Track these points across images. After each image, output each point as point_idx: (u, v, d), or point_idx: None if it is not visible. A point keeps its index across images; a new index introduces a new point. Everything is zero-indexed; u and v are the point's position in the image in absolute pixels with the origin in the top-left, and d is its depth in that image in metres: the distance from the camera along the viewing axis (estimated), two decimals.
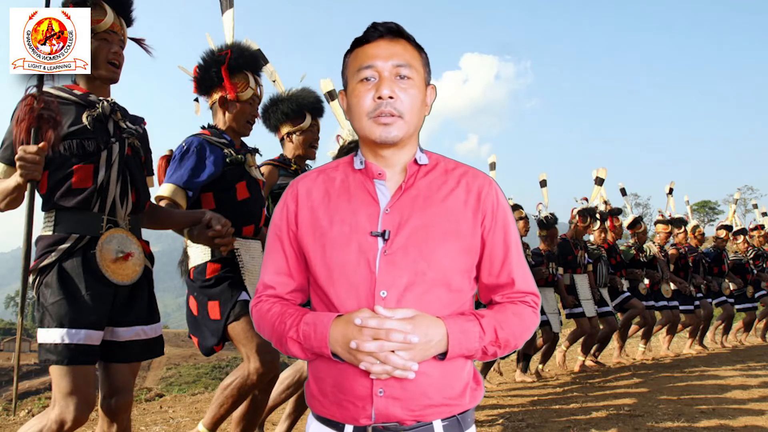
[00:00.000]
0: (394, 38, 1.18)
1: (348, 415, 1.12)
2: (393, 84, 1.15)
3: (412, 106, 1.16)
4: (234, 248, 2.47)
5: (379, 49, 1.16)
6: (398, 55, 1.16)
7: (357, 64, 1.18)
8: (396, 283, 1.10)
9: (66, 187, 1.94)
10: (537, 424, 3.62)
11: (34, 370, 31.56)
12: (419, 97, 1.18)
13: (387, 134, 1.15)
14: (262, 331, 1.23)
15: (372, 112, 1.15)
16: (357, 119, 1.18)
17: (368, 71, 1.16)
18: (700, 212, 51.93)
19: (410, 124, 1.17)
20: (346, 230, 1.14)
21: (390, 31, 1.18)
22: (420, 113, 1.20)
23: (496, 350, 1.13)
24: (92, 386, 1.93)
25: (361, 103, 1.16)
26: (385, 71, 1.15)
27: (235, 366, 6.53)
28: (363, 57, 1.17)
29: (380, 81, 1.15)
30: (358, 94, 1.16)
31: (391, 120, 1.14)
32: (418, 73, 1.19)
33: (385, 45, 1.17)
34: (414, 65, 1.18)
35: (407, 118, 1.16)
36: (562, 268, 5.88)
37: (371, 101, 1.15)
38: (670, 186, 7.86)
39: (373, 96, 1.15)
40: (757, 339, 8.79)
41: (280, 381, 2.85)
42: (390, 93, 1.14)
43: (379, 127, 1.15)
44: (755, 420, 3.56)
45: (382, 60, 1.15)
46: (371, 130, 1.16)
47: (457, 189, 1.18)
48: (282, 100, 3.17)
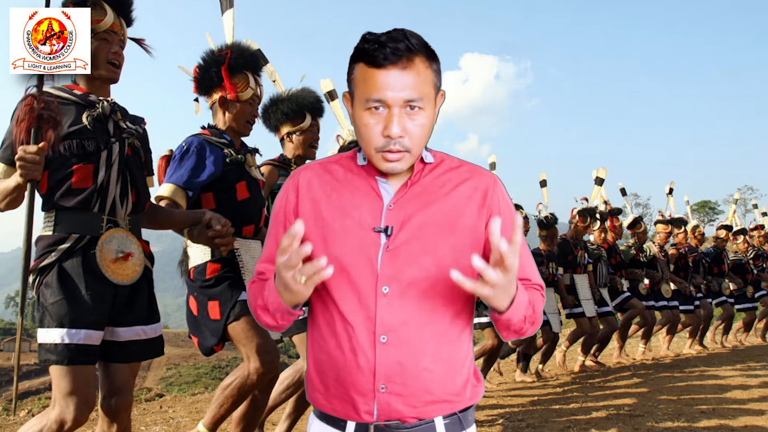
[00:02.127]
0: (406, 64, 1.08)
1: (350, 411, 1.12)
2: (403, 119, 1.09)
3: (421, 136, 1.13)
4: (234, 248, 2.47)
5: (389, 78, 1.08)
6: (410, 88, 1.09)
7: (365, 92, 1.10)
8: (398, 279, 1.10)
9: (66, 187, 1.94)
10: (537, 424, 3.62)
11: (34, 370, 31.55)
12: (429, 124, 1.14)
13: (393, 168, 1.13)
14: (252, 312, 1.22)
15: (380, 147, 1.11)
16: (364, 147, 1.15)
17: (377, 103, 1.10)
18: (700, 212, 51.93)
19: (417, 155, 1.15)
20: (349, 224, 1.14)
21: (401, 57, 1.08)
22: (429, 135, 1.17)
23: (529, 327, 1.13)
24: (92, 386, 1.93)
25: (369, 135, 1.12)
26: (395, 106, 1.09)
27: (235, 366, 6.53)
28: (372, 87, 1.09)
29: (389, 116, 1.09)
30: (365, 124, 1.12)
31: (398, 156, 1.12)
32: (430, 99, 1.13)
33: (396, 75, 1.08)
34: (425, 93, 1.11)
35: (415, 152, 1.13)
36: (562, 268, 5.88)
37: (379, 136, 1.11)
38: (670, 186, 7.86)
39: (382, 132, 1.10)
40: (757, 339, 8.79)
41: (280, 381, 2.85)
42: (400, 132, 1.10)
43: (386, 162, 1.13)
44: (755, 420, 3.56)
45: (393, 92, 1.08)
46: (378, 164, 1.14)
47: (461, 186, 1.18)
48: (282, 100, 3.17)
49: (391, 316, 1.10)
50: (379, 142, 1.11)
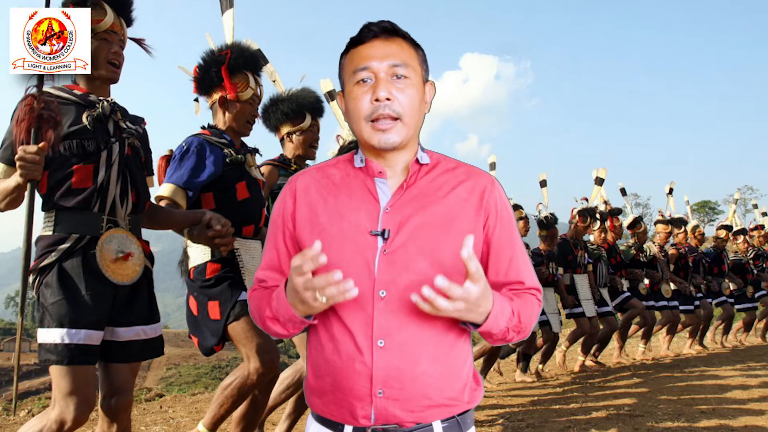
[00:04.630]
0: (389, 37, 1.16)
1: (347, 415, 1.11)
2: (390, 85, 1.13)
3: (411, 105, 1.15)
4: (234, 248, 2.47)
5: (373, 49, 1.15)
6: (394, 55, 1.14)
7: (352, 66, 1.16)
8: (396, 282, 1.10)
9: (66, 187, 1.94)
10: (537, 424, 3.62)
11: (34, 370, 31.55)
12: (418, 96, 1.17)
13: (386, 140, 1.14)
14: (255, 321, 1.22)
15: (370, 115, 1.14)
16: (355, 123, 1.17)
17: (364, 73, 1.14)
18: (700, 212, 51.92)
19: (409, 126, 1.16)
20: (346, 228, 1.14)
21: (384, 31, 1.16)
22: (419, 112, 1.18)
23: (515, 335, 1.13)
24: (92, 386, 1.93)
25: (359, 107, 1.15)
26: (381, 72, 1.13)
27: (235, 366, 6.53)
28: (358, 59, 1.15)
29: (377, 82, 1.13)
30: (355, 96, 1.15)
31: (390, 125, 1.13)
32: (416, 71, 1.17)
33: (379, 45, 1.15)
34: (411, 64, 1.16)
35: (406, 120, 1.14)
36: (562, 268, 5.88)
37: (368, 104, 1.14)
38: (670, 186, 7.86)
39: (370, 98, 1.13)
40: (757, 339, 8.79)
41: (280, 381, 2.85)
42: (387, 95, 1.12)
43: (377, 133, 1.14)
44: (755, 420, 3.56)
45: (377, 60, 1.14)
46: (370, 136, 1.15)
47: (458, 188, 1.17)
48: (282, 100, 3.17)
49: (389, 320, 1.09)
50: (368, 110, 1.14)
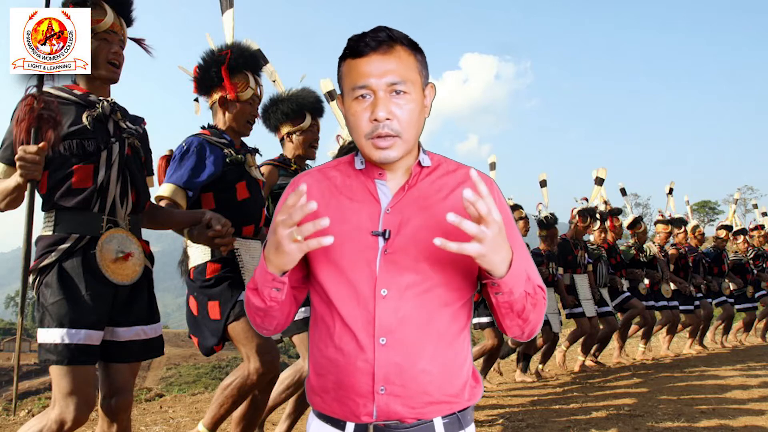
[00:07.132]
0: (386, 50, 1.13)
1: (349, 412, 1.12)
2: (388, 103, 1.12)
3: (410, 121, 1.14)
4: (234, 248, 2.47)
5: (371, 65, 1.12)
6: (392, 72, 1.12)
7: (351, 82, 1.14)
8: (396, 282, 1.11)
9: (66, 187, 1.94)
10: (537, 424, 3.62)
11: (34, 370, 31.54)
12: (417, 108, 1.16)
13: (386, 157, 1.14)
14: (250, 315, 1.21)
15: (369, 134, 1.13)
16: (355, 137, 1.17)
17: (362, 90, 1.13)
18: (700, 212, 51.92)
19: (409, 141, 1.15)
20: (347, 229, 1.15)
21: (381, 44, 1.12)
22: (419, 123, 1.18)
23: (531, 311, 1.11)
24: (92, 386, 1.93)
25: (358, 123, 1.14)
26: (380, 90, 1.12)
27: (235, 366, 6.53)
28: (356, 75, 1.13)
29: (375, 101, 1.12)
30: (354, 113, 1.15)
31: (389, 142, 1.13)
32: (415, 84, 1.15)
33: (377, 61, 1.12)
34: (409, 77, 1.14)
35: (405, 136, 1.14)
36: (562, 268, 5.88)
37: (367, 123, 1.13)
38: (670, 186, 7.87)
39: (369, 117, 1.13)
40: (757, 339, 8.79)
41: (280, 381, 2.85)
42: (386, 114, 1.12)
43: (377, 150, 1.14)
44: (755, 420, 3.56)
45: (375, 78, 1.12)
46: (370, 153, 1.15)
47: (458, 189, 1.18)
48: (282, 100, 3.17)
49: (390, 319, 1.10)
50: (367, 128, 1.14)
